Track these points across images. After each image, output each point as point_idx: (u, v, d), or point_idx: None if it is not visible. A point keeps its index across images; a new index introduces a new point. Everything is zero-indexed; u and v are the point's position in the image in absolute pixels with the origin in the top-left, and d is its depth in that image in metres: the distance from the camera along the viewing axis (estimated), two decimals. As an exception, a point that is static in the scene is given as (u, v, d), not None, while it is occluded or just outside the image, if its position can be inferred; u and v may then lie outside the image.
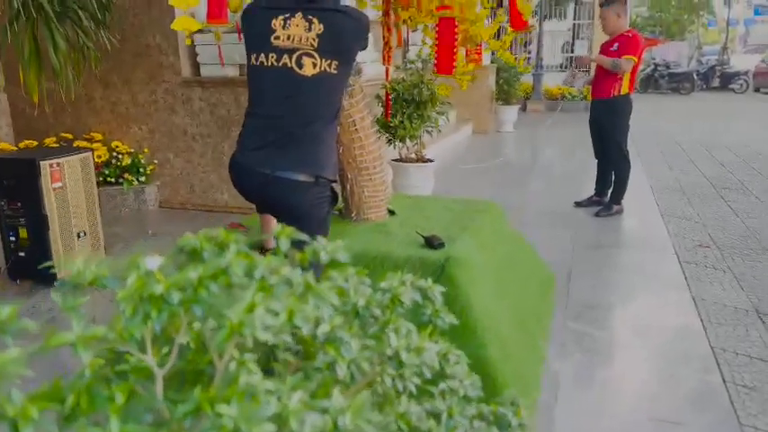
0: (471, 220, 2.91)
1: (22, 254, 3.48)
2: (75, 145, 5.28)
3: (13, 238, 3.46)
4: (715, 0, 26.95)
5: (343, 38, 2.01)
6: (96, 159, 5.21)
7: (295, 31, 1.95)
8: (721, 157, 8.10)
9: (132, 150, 5.36)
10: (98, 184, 5.16)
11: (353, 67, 2.23)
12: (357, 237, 2.64)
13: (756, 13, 29.77)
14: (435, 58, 2.62)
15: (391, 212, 3.03)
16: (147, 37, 5.06)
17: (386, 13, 3.40)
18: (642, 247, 4.25)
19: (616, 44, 4.79)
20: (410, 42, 5.90)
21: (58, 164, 3.43)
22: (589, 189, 5.46)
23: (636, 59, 4.75)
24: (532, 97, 14.14)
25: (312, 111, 2.02)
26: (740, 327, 3.03)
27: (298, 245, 0.65)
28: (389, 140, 4.82)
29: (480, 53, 2.73)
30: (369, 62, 5.20)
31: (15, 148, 5.12)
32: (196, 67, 5.11)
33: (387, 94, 4.23)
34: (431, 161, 5.08)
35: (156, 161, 5.35)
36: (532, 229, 4.66)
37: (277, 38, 1.96)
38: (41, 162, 3.33)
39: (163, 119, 5.24)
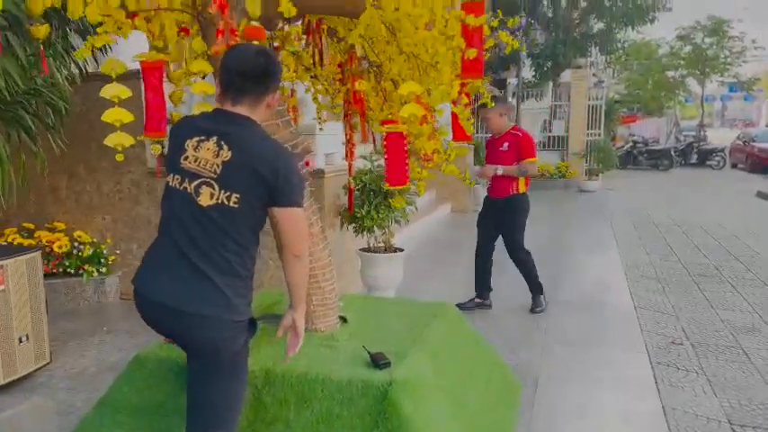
0: (424, 328, 2.78)
1: (-43, 360, 3.29)
2: (36, 234, 5.18)
3: (-52, 345, 3.28)
4: (690, 79, 27.92)
5: (249, 174, 1.82)
6: (57, 250, 5.09)
7: (203, 154, 1.83)
8: (697, 239, 8.10)
9: (95, 240, 5.25)
10: (57, 275, 5.09)
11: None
12: (300, 353, 2.49)
13: (731, 89, 30.85)
14: (386, 171, 2.56)
15: (343, 320, 2.90)
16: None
17: (346, 115, 3.40)
18: (613, 345, 4.11)
19: (506, 143, 4.75)
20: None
21: (1, 266, 3.30)
22: (584, 270, 5.34)
23: (536, 159, 4.78)
24: (512, 175, 14.30)
25: (213, 243, 1.85)
26: (712, 441, 2.87)
27: None
28: (356, 230, 4.75)
29: (430, 159, 2.67)
30: (337, 153, 5.20)
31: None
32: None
33: (350, 189, 4.18)
34: (400, 250, 4.99)
35: (118, 251, 5.23)
36: (504, 320, 4.55)
37: (186, 158, 1.85)
38: (-18, 265, 3.20)
39: (127, 208, 5.16)
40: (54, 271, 5.07)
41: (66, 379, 3.57)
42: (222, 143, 1.84)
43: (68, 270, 5.08)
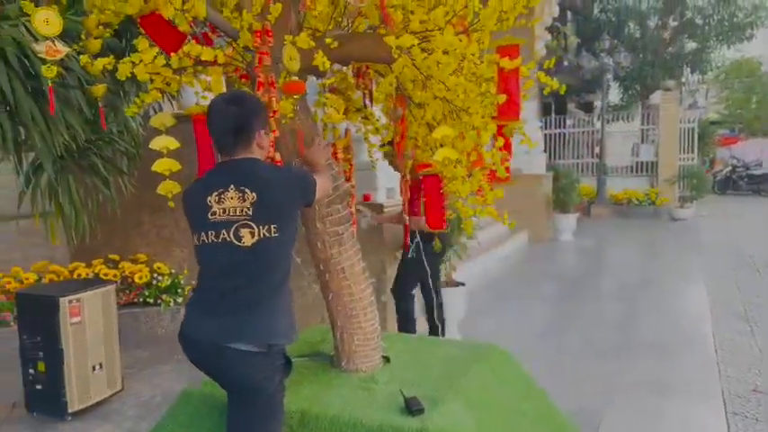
0: (465, 372, 2.73)
1: (39, 386, 3.57)
2: (120, 265, 5.56)
3: (31, 372, 3.57)
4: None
5: (277, 201, 2.01)
6: (138, 281, 5.43)
7: (229, 204, 1.97)
8: (798, 274, 7.46)
9: (173, 271, 5.55)
10: (138, 304, 5.42)
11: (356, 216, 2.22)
12: (336, 395, 2.53)
13: None
14: (426, 214, 2.58)
15: (386, 360, 2.91)
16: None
17: (398, 153, 3.44)
18: (686, 391, 3.85)
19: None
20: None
21: (78, 299, 3.56)
22: (665, 306, 5.06)
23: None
24: (597, 202, 13.81)
25: (258, 279, 1.99)
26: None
27: None
28: (417, 265, 4.75)
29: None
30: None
31: (65, 270, 5.41)
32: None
33: (405, 225, 4.19)
34: (461, 285, 4.93)
35: (193, 282, 5.49)
36: (565, 363, 4.38)
37: (213, 214, 1.98)
38: (60, 299, 3.47)
39: (201, 242, 5.43)
40: (135, 300, 5.41)
41: (135, 407, 3.78)
42: (243, 188, 1.98)
43: (147, 300, 5.39)
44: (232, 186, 1.99)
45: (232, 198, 1.98)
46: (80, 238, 3.23)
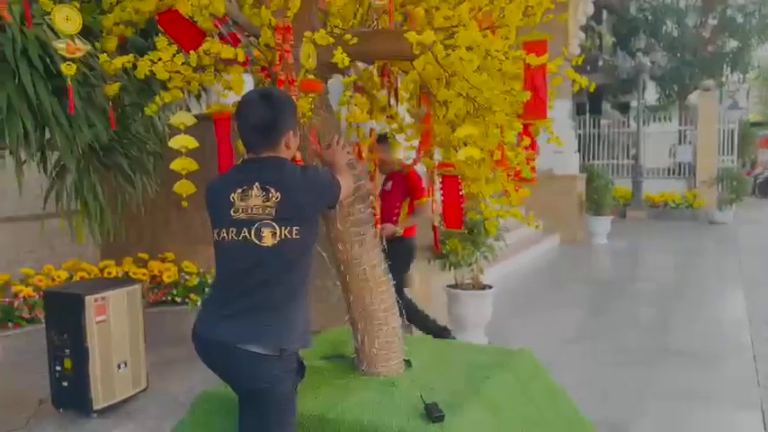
0: (487, 380, 2.65)
1: (65, 383, 3.60)
2: (149, 265, 5.62)
3: (58, 369, 3.60)
4: None
5: (301, 203, 1.98)
6: (166, 279, 5.48)
7: (252, 202, 1.94)
8: None
9: (201, 270, 5.59)
10: (166, 303, 5.47)
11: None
12: (356, 398, 2.48)
13: None
14: (443, 213, 2.51)
15: (408, 364, 2.85)
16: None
17: (422, 152, 3.38)
18: (721, 401, 3.69)
19: (390, 183, 4.38)
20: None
21: (103, 298, 3.59)
22: (701, 314, 4.88)
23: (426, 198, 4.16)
24: (632, 204, 13.51)
25: (276, 280, 1.96)
26: None
27: None
28: (442, 266, 4.68)
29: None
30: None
31: (96, 268, 5.49)
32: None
33: (434, 226, 4.12)
34: (489, 288, 4.84)
35: (220, 281, 5.52)
36: (596, 370, 4.25)
37: (236, 211, 1.95)
38: (86, 297, 3.49)
39: (228, 241, 5.45)
40: (163, 299, 5.46)
41: (159, 406, 3.79)
42: (267, 187, 1.95)
43: (176, 298, 5.44)
44: (257, 184, 1.96)
45: (256, 196, 1.95)
46: (105, 238, 3.24)
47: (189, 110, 4.49)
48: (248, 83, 2.64)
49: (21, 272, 5.09)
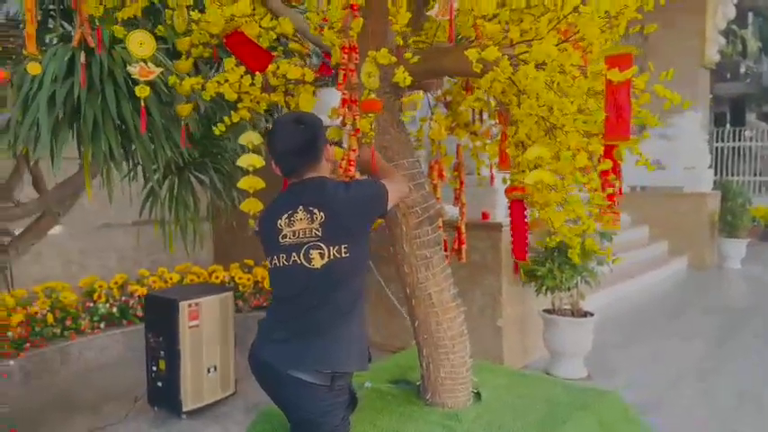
0: (565, 422, 2.44)
1: (159, 383, 3.82)
2: (254, 271, 5.86)
3: (154, 368, 3.83)
4: None
5: (347, 221, 1.95)
6: (266, 285, 5.68)
7: (299, 225, 1.93)
8: None
9: (300, 279, 5.72)
10: (265, 308, 5.66)
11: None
12: (413, 430, 2.38)
13: None
14: (512, 242, 2.35)
15: (477, 396, 2.70)
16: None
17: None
18: None
19: None
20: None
21: (197, 303, 3.77)
22: None
23: None
24: (778, 226, 12.09)
25: (327, 302, 1.94)
26: None
27: None
28: (537, 290, 4.43)
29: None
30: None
31: (205, 272, 5.81)
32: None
33: (458, 229, 3.88)
34: (590, 315, 4.51)
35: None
36: (713, 416, 3.81)
37: (284, 236, 1.94)
38: (181, 302, 3.69)
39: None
40: (264, 304, 5.66)
41: (244, 411, 3.90)
42: (311, 209, 1.94)
43: (275, 305, 5.61)
44: (300, 207, 1.96)
45: (301, 219, 1.95)
46: (196, 247, 3.42)
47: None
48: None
49: (138, 273, 5.51)
